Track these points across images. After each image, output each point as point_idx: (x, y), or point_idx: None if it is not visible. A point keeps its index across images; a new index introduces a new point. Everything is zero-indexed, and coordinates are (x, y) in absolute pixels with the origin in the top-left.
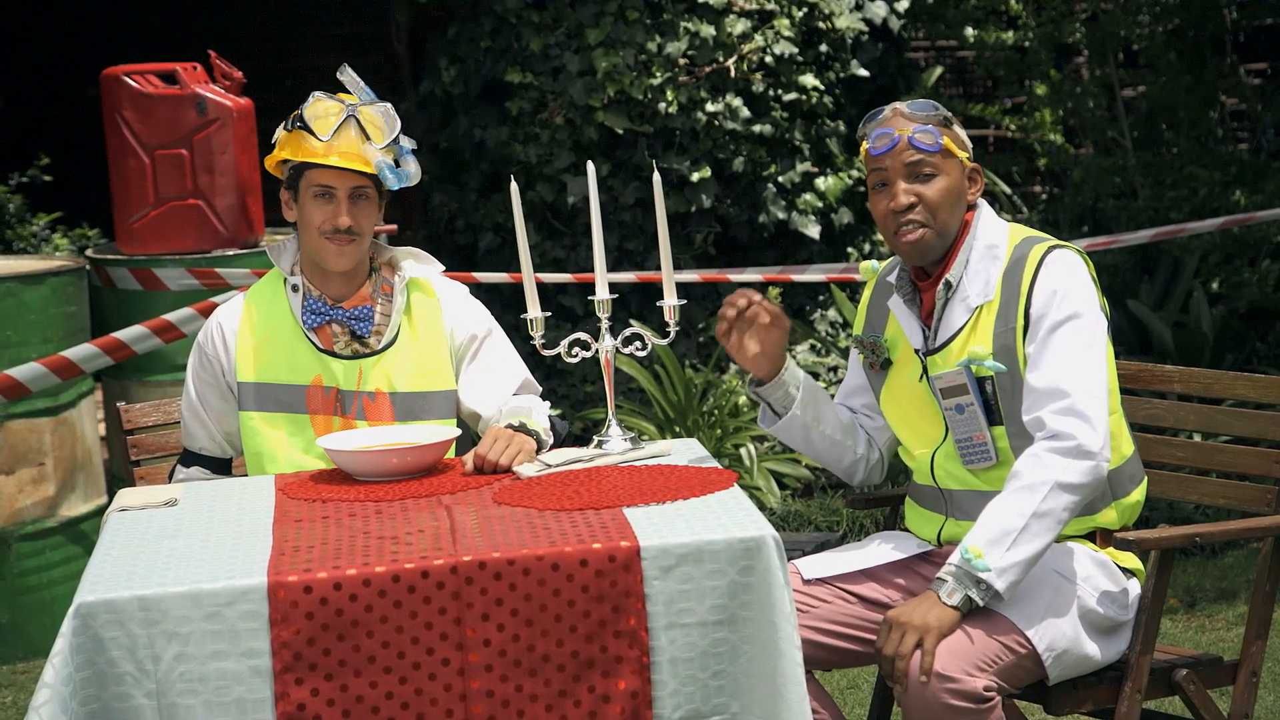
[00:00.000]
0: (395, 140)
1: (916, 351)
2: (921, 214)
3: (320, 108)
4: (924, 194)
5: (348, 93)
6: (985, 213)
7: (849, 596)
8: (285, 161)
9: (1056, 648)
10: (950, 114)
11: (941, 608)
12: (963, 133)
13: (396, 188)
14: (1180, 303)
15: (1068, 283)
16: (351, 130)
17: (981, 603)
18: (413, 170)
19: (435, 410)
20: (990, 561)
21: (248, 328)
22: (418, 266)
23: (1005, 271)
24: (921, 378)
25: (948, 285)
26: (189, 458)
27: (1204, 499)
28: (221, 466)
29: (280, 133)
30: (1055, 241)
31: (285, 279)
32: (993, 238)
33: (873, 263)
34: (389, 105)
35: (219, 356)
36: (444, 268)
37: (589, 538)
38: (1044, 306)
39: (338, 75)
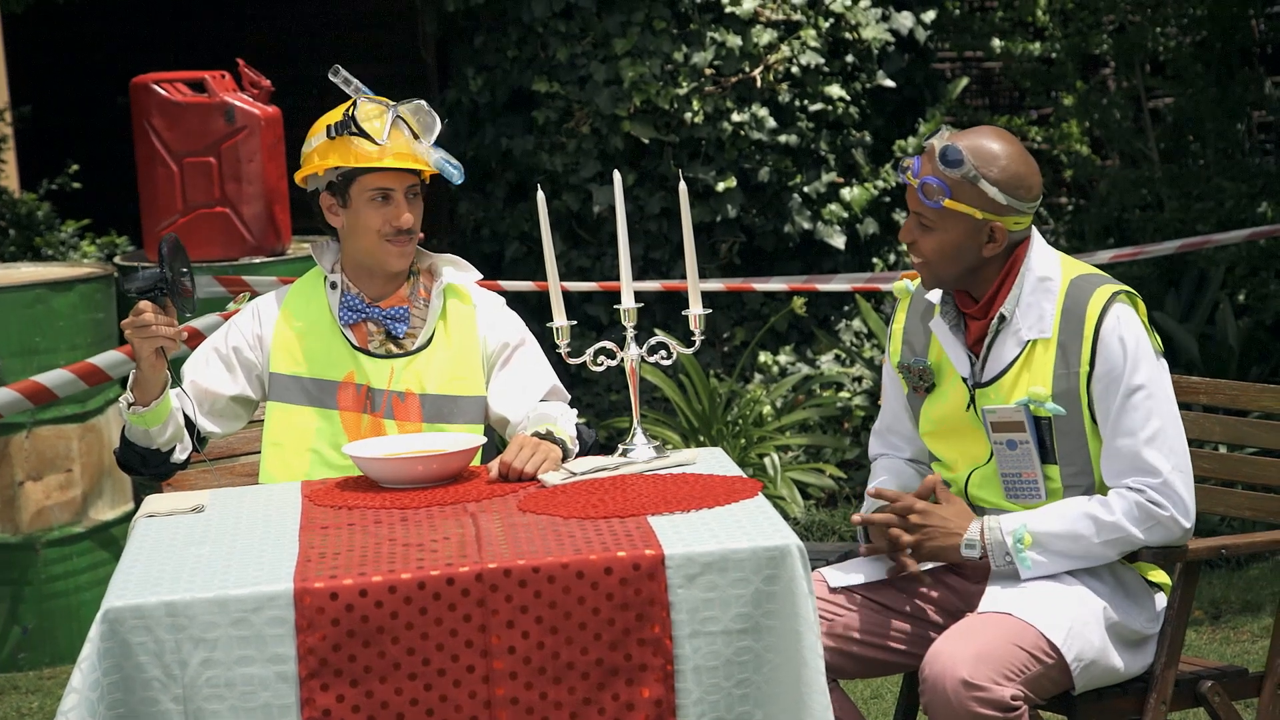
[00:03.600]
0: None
1: (964, 380)
2: (918, 254)
3: (367, 110)
4: (919, 241)
5: (369, 95)
6: (1037, 244)
7: (873, 605)
8: (335, 168)
9: (1084, 658)
10: (979, 170)
11: (954, 551)
12: (992, 190)
13: (460, 181)
14: (1206, 314)
15: (1137, 343)
16: (403, 130)
17: (993, 566)
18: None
19: (464, 415)
20: (1032, 554)
21: (285, 319)
22: (456, 273)
23: (1064, 311)
24: (968, 406)
25: (1001, 318)
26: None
27: (1230, 511)
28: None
29: (318, 141)
30: (1114, 286)
31: (325, 276)
32: (1045, 269)
33: (907, 282)
34: (421, 102)
35: (252, 331)
36: (481, 276)
37: (614, 545)
38: (1115, 367)
39: (329, 76)
